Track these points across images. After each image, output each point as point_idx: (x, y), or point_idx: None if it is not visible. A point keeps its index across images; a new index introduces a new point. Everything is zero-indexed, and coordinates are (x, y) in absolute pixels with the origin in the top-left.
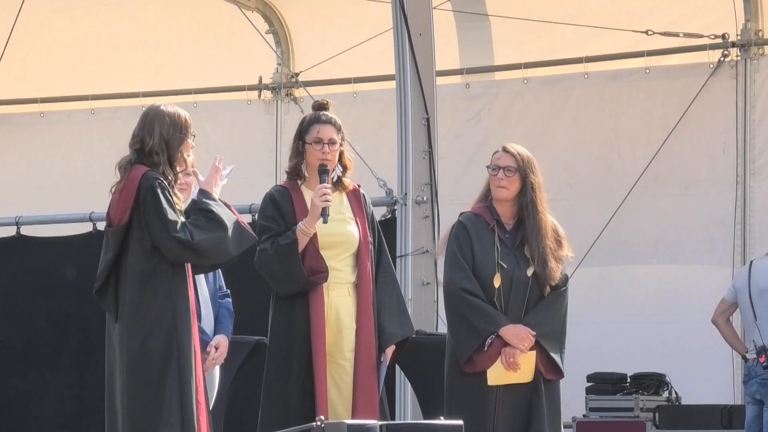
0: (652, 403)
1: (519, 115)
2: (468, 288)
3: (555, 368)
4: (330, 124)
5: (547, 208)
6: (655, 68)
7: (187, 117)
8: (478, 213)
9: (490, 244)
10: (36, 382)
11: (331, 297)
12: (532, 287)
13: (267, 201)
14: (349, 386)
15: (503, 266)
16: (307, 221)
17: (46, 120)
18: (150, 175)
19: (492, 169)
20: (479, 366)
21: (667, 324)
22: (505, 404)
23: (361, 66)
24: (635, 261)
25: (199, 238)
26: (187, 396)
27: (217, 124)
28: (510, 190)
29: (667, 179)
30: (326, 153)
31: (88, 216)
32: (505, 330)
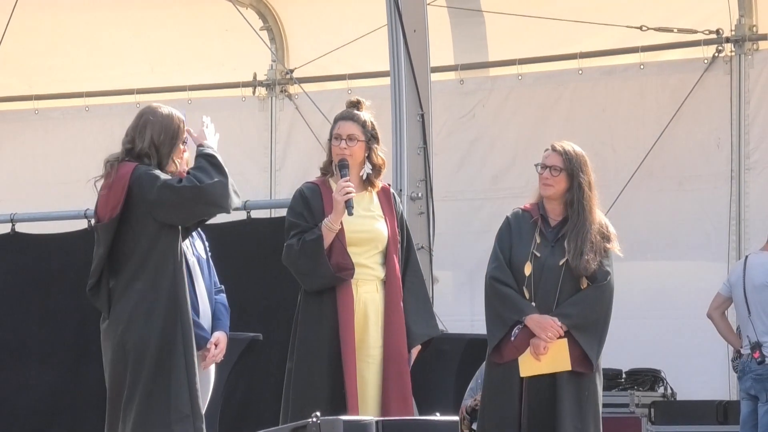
0: (647, 399)
1: (513, 111)
2: (498, 277)
3: (585, 361)
4: (351, 120)
5: (597, 206)
6: (649, 64)
7: (182, 121)
8: (526, 209)
9: (528, 237)
10: (31, 378)
11: (360, 293)
12: (565, 277)
13: (296, 197)
14: (373, 383)
15: (536, 255)
16: (331, 217)
17: (41, 117)
18: (141, 167)
19: (540, 167)
20: (507, 356)
21: (662, 319)
22: (531, 396)
23: (356, 62)
24: (630, 256)
25: (207, 181)
26: (194, 386)
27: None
28: (556, 188)
29: (661, 175)
30: (344, 149)
31: (83, 213)
32: (530, 319)
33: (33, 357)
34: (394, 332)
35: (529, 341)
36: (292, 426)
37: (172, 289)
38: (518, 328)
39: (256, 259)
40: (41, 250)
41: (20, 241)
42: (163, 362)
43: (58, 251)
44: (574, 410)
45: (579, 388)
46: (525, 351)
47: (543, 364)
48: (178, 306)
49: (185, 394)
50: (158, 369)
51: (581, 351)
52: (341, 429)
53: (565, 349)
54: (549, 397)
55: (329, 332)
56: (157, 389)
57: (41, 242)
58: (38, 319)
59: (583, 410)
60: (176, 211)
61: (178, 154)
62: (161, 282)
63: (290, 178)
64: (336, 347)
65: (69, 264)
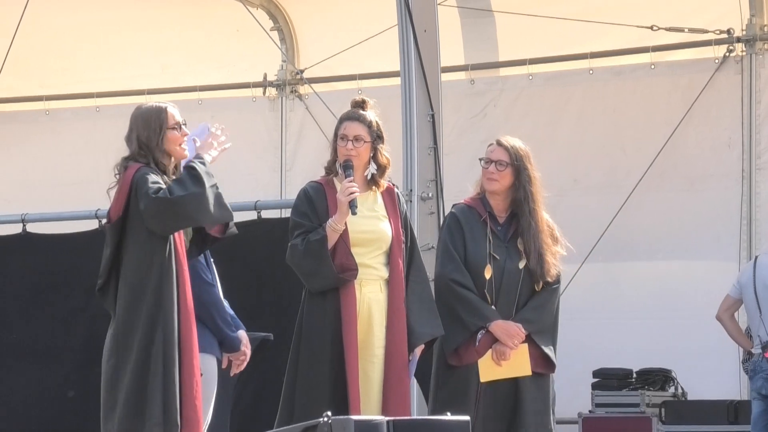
0: (658, 399)
1: (524, 111)
2: (458, 280)
3: (546, 361)
4: (357, 121)
5: (543, 204)
6: (660, 64)
7: (164, 110)
8: (470, 205)
9: (481, 236)
10: (43, 379)
11: (363, 293)
12: (524, 280)
13: (301, 197)
14: (377, 382)
15: (495, 257)
16: (335, 218)
17: (52, 118)
18: (142, 169)
19: (484, 162)
20: (465, 359)
21: (673, 319)
22: (488, 400)
23: (366, 63)
24: (641, 257)
25: (178, 193)
26: (169, 391)
27: (222, 121)
28: (501, 183)
29: (672, 175)
30: (350, 149)
31: (94, 213)
32: (495, 326)
33: (44, 357)
34: (396, 332)
35: (490, 346)
36: (304, 426)
37: (156, 293)
38: (481, 333)
39: (266, 259)
40: (52, 250)
41: (31, 241)
42: (140, 366)
43: (68, 251)
44: (539, 412)
45: (543, 389)
46: (484, 356)
47: (504, 369)
48: (161, 311)
49: (158, 399)
50: (136, 373)
51: (540, 352)
52: (352, 429)
53: (526, 354)
54: (509, 400)
55: (332, 332)
56: (134, 394)
57: (52, 242)
58: (49, 320)
59: (546, 411)
60: (153, 221)
61: (173, 141)
62: (146, 286)
63: (300, 177)
64: (339, 347)
65: (80, 264)
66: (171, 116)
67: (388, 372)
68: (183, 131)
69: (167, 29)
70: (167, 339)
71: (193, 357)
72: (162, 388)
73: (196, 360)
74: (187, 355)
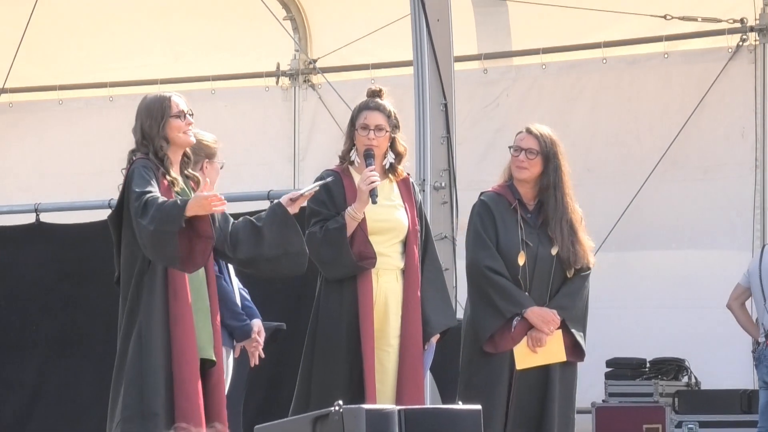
0: (671, 388)
1: (537, 101)
2: (492, 266)
3: (576, 350)
4: (378, 110)
5: (572, 191)
6: (673, 53)
7: (167, 98)
8: (499, 192)
9: (513, 223)
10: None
11: (380, 283)
12: (557, 267)
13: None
14: (392, 372)
15: (528, 244)
16: (355, 206)
17: (65, 107)
18: (138, 161)
19: (514, 149)
20: (501, 347)
21: (686, 309)
22: (521, 386)
23: (379, 52)
24: (654, 246)
25: (141, 219)
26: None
27: (235, 111)
28: (531, 171)
29: (685, 164)
30: (372, 139)
31: (107, 203)
32: (531, 312)
33: (58, 348)
34: (411, 322)
35: (525, 333)
36: (315, 415)
37: (138, 286)
38: (517, 320)
39: None
40: (66, 240)
41: (45, 231)
42: (120, 358)
43: (82, 241)
44: (564, 400)
45: (571, 378)
46: (520, 343)
47: (539, 355)
48: (140, 302)
49: (133, 389)
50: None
51: (571, 340)
52: (363, 418)
53: (561, 341)
54: (540, 387)
55: (349, 321)
56: (116, 385)
57: (66, 232)
58: (64, 310)
59: (571, 399)
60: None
61: (175, 129)
62: (130, 277)
63: (314, 167)
64: (355, 336)
65: (93, 254)
66: (174, 104)
67: (404, 362)
68: (188, 120)
69: (180, 19)
70: (147, 330)
71: (187, 346)
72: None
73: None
74: (180, 344)
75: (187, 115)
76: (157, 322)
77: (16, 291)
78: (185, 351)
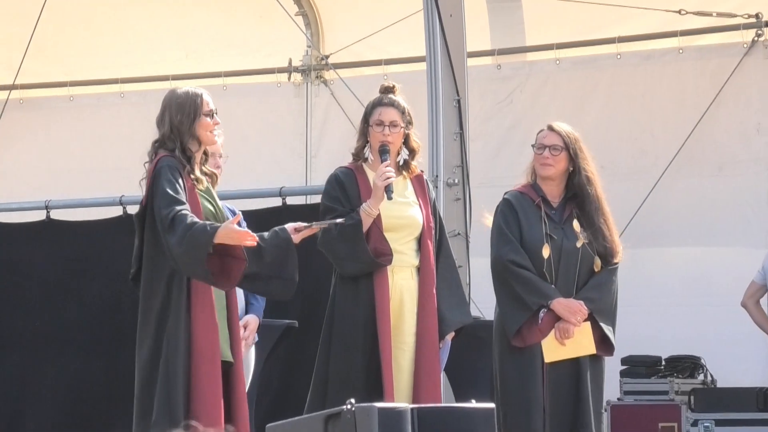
0: (687, 386)
1: (551, 97)
2: (516, 260)
3: (606, 344)
4: (392, 106)
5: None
6: (688, 48)
7: (200, 96)
8: (522, 191)
9: (537, 219)
10: (69, 367)
11: (396, 280)
12: (582, 260)
13: (332, 182)
14: (407, 370)
15: (553, 237)
16: (370, 202)
17: (76, 104)
18: (164, 159)
19: (537, 147)
20: (529, 340)
21: (702, 306)
22: (553, 380)
23: (392, 48)
24: (669, 243)
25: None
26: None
27: (247, 107)
28: (556, 168)
29: (700, 160)
30: (387, 135)
31: (119, 200)
32: (557, 303)
33: (69, 345)
34: (427, 320)
35: (552, 325)
36: (327, 413)
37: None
38: (543, 312)
39: None
40: (76, 237)
41: (55, 228)
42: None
43: (93, 238)
44: (594, 394)
45: (598, 372)
46: (548, 335)
47: (568, 348)
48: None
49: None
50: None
51: (600, 334)
52: (376, 416)
53: (590, 333)
54: (570, 380)
55: (365, 319)
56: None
57: (76, 229)
58: (74, 307)
59: (601, 394)
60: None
61: (204, 128)
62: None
63: (326, 164)
64: (372, 334)
65: (104, 251)
66: (206, 103)
67: (420, 360)
68: (215, 120)
69: (192, 14)
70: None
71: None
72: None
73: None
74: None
75: (215, 115)
76: (183, 324)
77: (25, 288)
78: (206, 354)
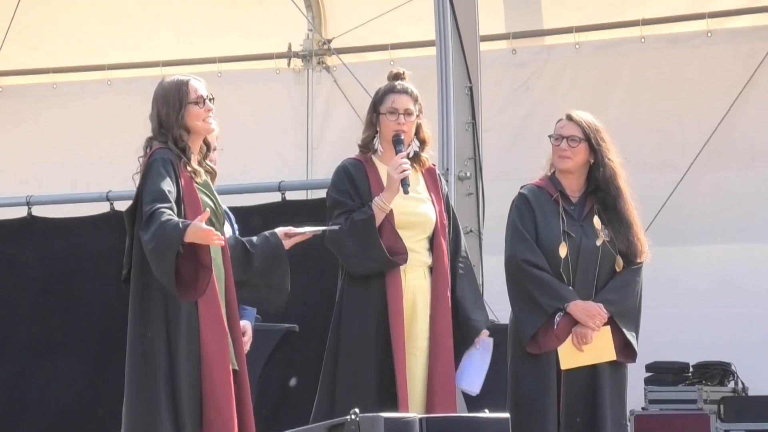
0: (716, 395)
1: (570, 84)
2: (530, 260)
3: (628, 350)
4: (406, 93)
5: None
6: (717, 31)
7: (184, 83)
8: (539, 185)
9: (554, 215)
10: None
11: (408, 280)
12: (603, 259)
13: (341, 174)
14: (420, 377)
15: (570, 235)
16: (384, 196)
17: (59, 92)
18: (158, 152)
19: (555, 138)
20: (545, 346)
21: (733, 308)
22: (569, 390)
23: (399, 31)
24: (698, 240)
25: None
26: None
27: (244, 95)
28: (574, 160)
29: (731, 151)
30: (402, 124)
31: (105, 195)
32: (574, 306)
33: (56, 350)
34: (441, 324)
35: (569, 330)
36: (329, 423)
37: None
38: (559, 316)
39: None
40: (61, 235)
41: (38, 225)
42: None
43: (78, 237)
44: (615, 403)
45: (619, 380)
46: (565, 341)
47: (586, 354)
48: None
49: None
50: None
51: (621, 339)
52: (382, 427)
53: (610, 338)
54: (588, 389)
55: (377, 322)
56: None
57: (61, 227)
58: (60, 310)
59: (623, 404)
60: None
61: (194, 117)
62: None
63: (329, 156)
64: (384, 338)
65: (91, 250)
66: (192, 90)
67: (434, 366)
68: (207, 106)
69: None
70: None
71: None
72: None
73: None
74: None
75: (206, 101)
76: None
77: (7, 290)
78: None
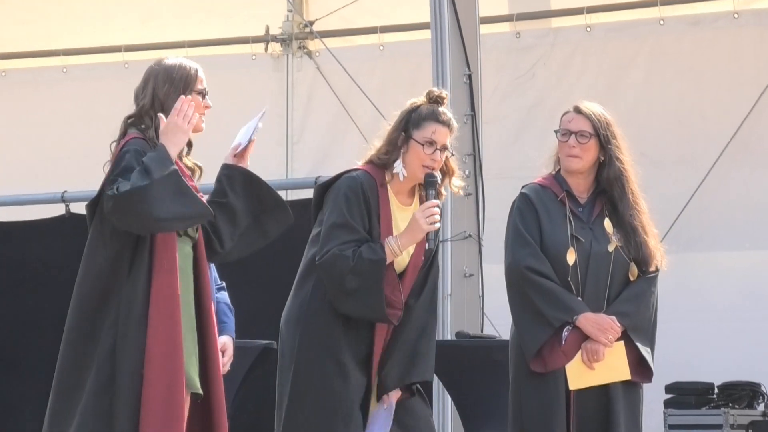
0: (744, 419)
1: (580, 71)
2: (535, 267)
3: (643, 368)
4: (447, 127)
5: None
6: (744, 12)
7: (195, 69)
8: (543, 184)
9: (560, 217)
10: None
11: None
12: (615, 266)
13: (356, 190)
14: None
15: (579, 239)
16: (402, 240)
17: (9, 80)
18: (133, 141)
19: (561, 134)
20: (551, 365)
21: (762, 322)
22: (580, 412)
23: (389, 12)
24: (722, 246)
25: (122, 188)
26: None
27: (216, 83)
28: (584, 159)
29: (759, 147)
30: (436, 160)
31: (60, 196)
32: (583, 319)
33: (13, 369)
34: None
35: (579, 346)
36: None
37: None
38: (567, 330)
39: (267, 254)
40: (13, 240)
41: None
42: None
43: (33, 241)
44: (629, 427)
45: (634, 401)
46: (574, 358)
47: (597, 373)
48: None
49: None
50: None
51: (636, 356)
52: None
53: (624, 355)
54: (600, 411)
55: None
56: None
57: (12, 231)
58: (14, 324)
59: (637, 426)
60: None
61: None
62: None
63: (310, 152)
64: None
65: (47, 256)
66: (200, 80)
67: None
68: (206, 102)
69: None
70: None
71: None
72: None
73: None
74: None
75: (205, 96)
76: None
77: None
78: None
